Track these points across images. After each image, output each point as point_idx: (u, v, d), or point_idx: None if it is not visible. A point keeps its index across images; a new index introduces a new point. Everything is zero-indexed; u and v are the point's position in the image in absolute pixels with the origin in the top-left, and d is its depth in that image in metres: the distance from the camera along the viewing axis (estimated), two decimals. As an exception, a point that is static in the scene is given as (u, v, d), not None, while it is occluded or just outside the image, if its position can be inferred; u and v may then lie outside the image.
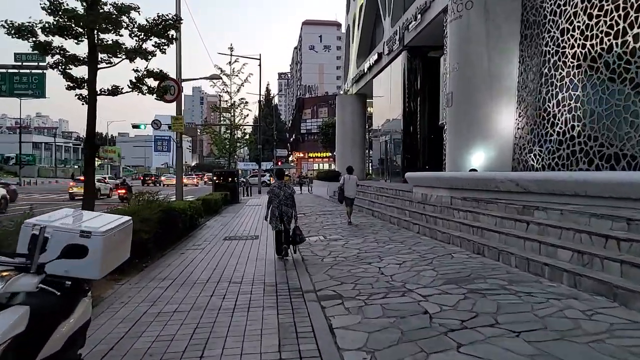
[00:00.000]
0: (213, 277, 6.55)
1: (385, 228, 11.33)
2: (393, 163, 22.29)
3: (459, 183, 9.49)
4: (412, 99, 19.93)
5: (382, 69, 23.04)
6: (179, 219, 10.09)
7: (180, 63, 13.51)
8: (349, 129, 30.26)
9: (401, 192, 14.05)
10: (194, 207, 12.27)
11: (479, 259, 6.90)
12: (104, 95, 6.89)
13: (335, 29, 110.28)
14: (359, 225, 12.06)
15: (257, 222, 13.90)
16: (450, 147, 11.81)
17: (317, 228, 12.07)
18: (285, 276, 6.55)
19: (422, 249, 7.97)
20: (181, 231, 10.48)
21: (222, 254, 8.45)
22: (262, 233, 11.42)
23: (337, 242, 9.42)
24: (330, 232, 11.19)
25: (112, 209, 8.18)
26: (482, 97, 11.01)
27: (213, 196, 18.39)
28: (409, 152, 19.92)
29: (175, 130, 13.32)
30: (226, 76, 26.63)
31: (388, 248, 8.33)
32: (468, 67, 11.14)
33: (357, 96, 30.28)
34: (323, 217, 14.97)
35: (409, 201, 12.40)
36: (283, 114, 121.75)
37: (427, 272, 6.16)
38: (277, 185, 8.14)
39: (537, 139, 10.06)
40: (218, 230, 12.14)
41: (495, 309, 4.41)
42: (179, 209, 10.23)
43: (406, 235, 9.84)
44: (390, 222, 12.26)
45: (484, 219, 7.99)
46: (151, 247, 7.98)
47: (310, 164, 66.95)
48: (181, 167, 13.72)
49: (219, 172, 24.87)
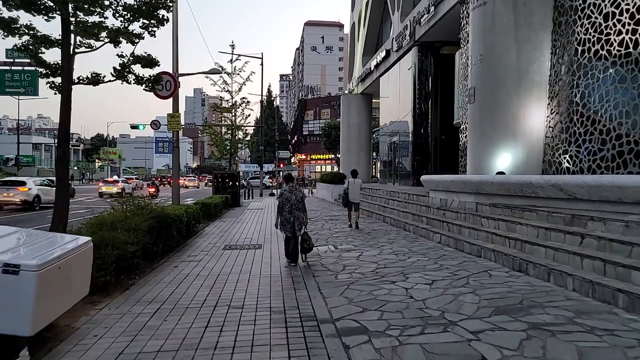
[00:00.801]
0: (209, 299, 5.51)
1: (401, 236, 10.29)
2: (401, 165, 21.25)
3: (487, 187, 8.45)
4: (423, 98, 18.90)
5: (390, 66, 22.02)
6: (173, 226, 9.07)
7: (177, 56, 12.51)
8: (354, 130, 29.24)
9: (415, 197, 13.00)
10: (191, 213, 11.25)
11: (523, 278, 5.85)
12: (83, 84, 5.88)
13: (338, 29, 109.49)
14: (371, 233, 11.02)
15: (259, 228, 12.87)
16: (472, 148, 10.77)
17: (325, 236, 11.03)
18: (294, 297, 5.51)
19: (451, 264, 6.92)
20: (176, 240, 9.46)
21: (220, 268, 7.42)
22: (265, 241, 10.39)
23: (350, 254, 8.38)
24: (340, 240, 10.15)
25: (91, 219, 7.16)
26: (509, 92, 9.97)
27: (213, 199, 17.38)
28: (420, 153, 18.88)
29: (171, 129, 12.30)
30: (227, 74, 25.70)
31: (410, 262, 7.28)
32: (493, 59, 10.11)
33: (362, 96, 29.26)
34: (330, 223, 13.93)
35: (425, 206, 11.36)
36: (285, 115, 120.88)
37: (467, 295, 5.12)
38: (287, 190, 7.64)
39: (574, 138, 9.02)
40: (217, 237, 11.11)
41: (576, 357, 3.37)
42: (173, 215, 9.20)
43: (427, 246, 8.79)
44: (405, 229, 11.21)
45: (522, 229, 6.94)
46: (139, 260, 6.95)
47: (313, 166, 65.92)
48: (178, 168, 12.73)
49: (220, 174, 23.84)
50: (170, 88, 11.98)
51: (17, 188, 19.22)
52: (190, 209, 11.41)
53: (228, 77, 25.71)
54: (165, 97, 12.05)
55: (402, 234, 10.75)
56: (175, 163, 12.70)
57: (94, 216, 7.31)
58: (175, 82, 12.03)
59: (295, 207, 7.44)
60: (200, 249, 9.33)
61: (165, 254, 8.58)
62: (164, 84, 11.99)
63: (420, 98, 18.92)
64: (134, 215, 7.90)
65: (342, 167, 30.66)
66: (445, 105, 18.45)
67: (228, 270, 7.19)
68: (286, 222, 7.44)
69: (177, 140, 12.58)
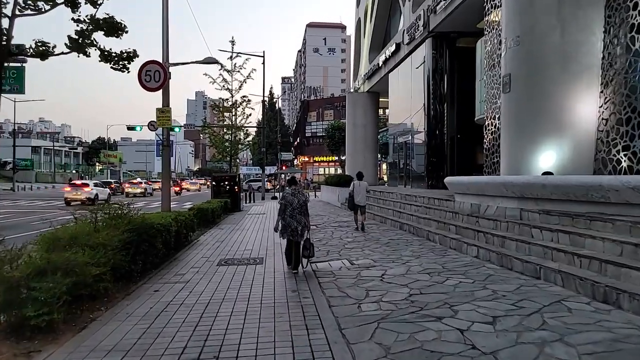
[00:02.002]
0: (191, 346, 4.02)
1: (427, 248, 8.78)
2: (413, 167, 19.77)
3: (537, 191, 6.95)
4: (438, 94, 17.42)
5: (401, 61, 20.57)
6: (157, 238, 7.59)
7: (167, 44, 11.06)
8: (360, 130, 27.78)
9: (436, 201, 11.51)
10: (183, 221, 9.78)
11: (617, 314, 4.34)
12: (28, 57, 4.42)
13: (340, 31, 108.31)
14: (390, 244, 9.52)
15: (261, 237, 11.39)
16: (507, 145, 9.27)
17: (337, 247, 9.53)
18: (307, 343, 4.02)
19: (506, 290, 5.41)
20: (162, 254, 7.98)
21: (212, 292, 5.94)
22: (267, 254, 8.91)
23: (370, 272, 6.88)
24: (355, 253, 8.66)
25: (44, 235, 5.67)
26: (553, 79, 8.48)
27: (211, 204, 15.92)
28: (434, 154, 17.39)
29: (160, 125, 10.85)
30: (227, 72, 24.29)
31: (451, 286, 5.77)
32: (533, 41, 8.63)
33: (369, 94, 27.82)
34: (340, 230, 12.43)
35: (451, 212, 9.87)
36: (287, 118, 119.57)
37: (555, 346, 3.61)
38: (290, 192, 7.27)
39: (638, 132, 7.51)
40: (213, 249, 9.63)
41: None
42: (158, 224, 7.73)
43: (463, 262, 7.28)
44: (429, 239, 9.71)
45: (596, 244, 5.44)
46: (108, 285, 5.48)
47: (316, 169, 64.51)
48: (169, 170, 11.25)
49: (219, 177, 22.40)
50: (159, 79, 10.53)
51: (82, 188, 24.88)
52: (182, 217, 9.93)
53: (228, 75, 24.32)
54: (154, 90, 10.59)
55: (427, 245, 9.24)
56: (166, 163, 11.23)
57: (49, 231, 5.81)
58: (165, 73, 10.57)
59: (297, 211, 7.08)
60: (191, 265, 7.85)
61: (147, 272, 7.11)
62: (152, 75, 10.56)
63: (434, 94, 17.44)
64: (106, 228, 6.43)
65: (347, 169, 29.19)
66: (463, 101, 16.97)
67: (221, 296, 5.70)
68: (287, 226, 7.07)
69: (168, 139, 11.12)
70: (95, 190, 25.35)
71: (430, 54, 17.36)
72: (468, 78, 16.10)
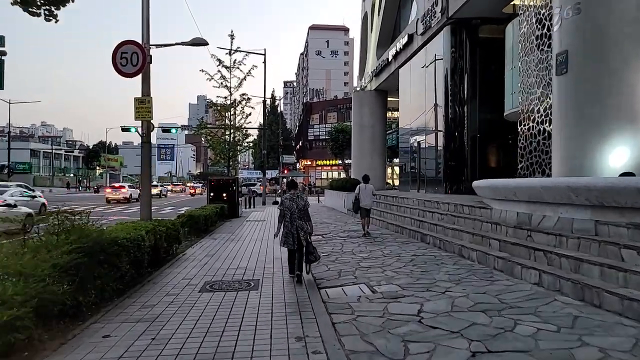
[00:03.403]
0: None
1: (465, 268, 7.00)
2: (427, 169, 18.01)
3: (624, 197, 5.18)
4: (457, 89, 15.68)
5: (414, 54, 18.85)
6: (122, 256, 5.85)
7: (148, 23, 9.35)
8: (367, 131, 26.04)
9: (466, 208, 9.74)
10: (163, 232, 8.04)
11: None
12: None
13: (343, 33, 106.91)
14: (416, 262, 7.74)
15: (258, 249, 9.65)
16: (562, 139, 7.49)
17: (350, 265, 7.76)
18: None
19: (619, 346, 3.62)
20: (130, 276, 6.23)
21: (182, 341, 4.17)
22: (264, 273, 7.17)
23: (401, 306, 5.12)
24: (375, 274, 6.89)
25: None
26: (625, 55, 6.75)
27: (204, 210, 14.20)
28: (454, 155, 15.63)
29: (138, 118, 9.11)
30: (225, 68, 22.60)
31: (529, 336, 3.97)
32: (598, 8, 6.89)
33: (376, 93, 26.10)
34: (350, 242, 10.66)
35: (489, 223, 8.10)
36: (289, 123, 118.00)
37: None
38: (288, 197, 6.87)
39: None
40: (199, 266, 7.89)
41: None
42: (124, 239, 5.98)
43: (524, 292, 5.48)
44: (462, 256, 7.93)
45: None
46: (30, 331, 3.74)
47: (319, 172, 62.78)
48: (149, 171, 9.52)
49: (215, 180, 20.69)
50: (137, 63, 8.84)
51: (120, 190, 30.70)
52: (162, 227, 8.20)
53: (226, 72, 22.62)
54: (130, 75, 8.90)
55: (463, 264, 7.45)
56: (146, 162, 9.48)
57: None
58: (143, 55, 8.87)
59: (297, 217, 6.69)
60: (167, 291, 6.10)
61: (105, 303, 5.37)
62: (128, 57, 8.87)
63: (453, 90, 15.70)
64: (40, 248, 4.69)
65: (353, 172, 27.43)
66: (486, 96, 15.24)
67: (193, 350, 3.95)
68: (288, 234, 6.66)
69: (148, 134, 9.38)
70: (129, 191, 31.20)
71: (448, 44, 15.65)
72: (493, 70, 14.37)
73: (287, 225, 6.67)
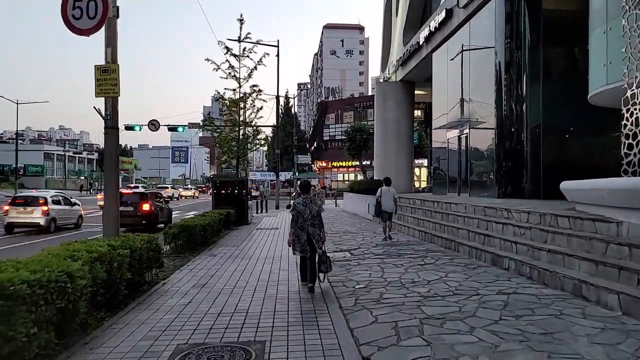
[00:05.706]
0: None
1: (600, 320, 4.17)
2: (470, 169, 15.11)
3: None
4: (514, 71, 12.77)
5: (452, 32, 16.00)
6: (17, 316, 3.19)
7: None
8: (391, 126, 23.23)
9: (564, 220, 6.85)
10: (124, 256, 5.38)
11: None
12: None
13: (358, 32, 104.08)
14: (511, 307, 4.90)
15: (268, 275, 6.95)
16: None
17: (407, 311, 4.95)
18: None
19: None
20: (38, 345, 3.56)
21: None
22: (274, 324, 4.46)
23: None
24: (459, 333, 4.08)
25: None
26: None
27: (205, 218, 11.58)
28: (509, 154, 12.71)
29: (100, 94, 6.47)
30: (234, 57, 19.99)
31: None
32: None
33: (402, 84, 23.29)
34: (392, 264, 7.82)
35: (617, 245, 5.24)
36: (303, 124, 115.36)
37: None
38: (301, 202, 6.33)
39: None
40: (177, 310, 5.22)
41: None
42: (22, 283, 3.32)
43: None
44: (585, 298, 5.07)
45: None
46: None
47: (335, 174, 59.92)
48: (116, 171, 6.83)
49: (221, 181, 18.11)
50: (95, 14, 6.26)
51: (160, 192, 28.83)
52: (126, 248, 5.54)
53: (235, 61, 20.01)
54: (87, 32, 6.33)
55: (592, 312, 4.60)
56: (109, 163, 6.82)
57: None
58: (104, 5, 6.26)
59: (310, 223, 6.21)
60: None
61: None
62: (84, 8, 6.29)
63: (507, 74, 12.78)
64: None
65: (376, 172, 24.63)
66: (554, 78, 12.37)
67: None
68: (297, 240, 6.23)
69: (115, 117, 6.72)
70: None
71: (502, 17, 12.78)
72: (562, 46, 11.49)
73: (299, 233, 6.26)
